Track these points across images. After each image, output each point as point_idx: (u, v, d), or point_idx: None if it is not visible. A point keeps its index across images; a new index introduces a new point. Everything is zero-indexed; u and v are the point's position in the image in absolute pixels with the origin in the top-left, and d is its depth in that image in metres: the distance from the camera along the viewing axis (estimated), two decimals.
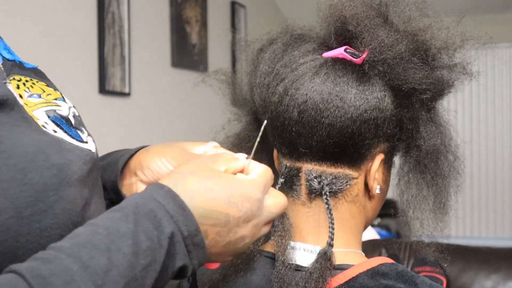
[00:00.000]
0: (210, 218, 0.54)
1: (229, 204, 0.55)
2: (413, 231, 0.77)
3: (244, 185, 0.57)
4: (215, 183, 0.56)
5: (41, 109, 0.63)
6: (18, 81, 0.65)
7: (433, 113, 0.76)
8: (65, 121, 0.65)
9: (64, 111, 0.67)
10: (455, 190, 0.78)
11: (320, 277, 0.67)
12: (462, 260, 1.70)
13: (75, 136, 0.64)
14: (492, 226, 4.63)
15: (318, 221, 0.74)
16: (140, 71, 2.77)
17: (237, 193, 0.56)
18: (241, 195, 0.56)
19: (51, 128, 0.62)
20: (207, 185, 0.55)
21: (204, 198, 0.54)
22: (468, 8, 0.88)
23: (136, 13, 2.74)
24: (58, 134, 0.61)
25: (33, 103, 0.63)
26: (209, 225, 0.54)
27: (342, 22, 0.74)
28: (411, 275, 0.70)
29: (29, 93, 0.64)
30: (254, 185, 0.58)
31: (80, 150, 0.62)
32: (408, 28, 0.72)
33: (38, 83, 0.68)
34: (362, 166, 0.74)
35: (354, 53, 0.73)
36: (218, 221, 0.55)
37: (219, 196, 0.55)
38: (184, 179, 0.55)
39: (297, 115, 0.71)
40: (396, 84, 0.72)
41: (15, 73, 0.66)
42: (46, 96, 0.67)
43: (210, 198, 0.55)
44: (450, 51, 0.74)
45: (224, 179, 0.57)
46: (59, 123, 0.64)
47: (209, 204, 0.55)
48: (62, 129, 0.63)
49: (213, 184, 0.56)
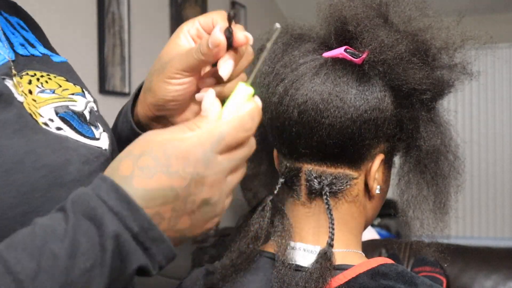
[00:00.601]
0: (156, 198, 0.49)
1: (168, 176, 0.49)
2: (413, 231, 0.77)
3: (181, 147, 0.50)
4: (148, 157, 0.50)
5: (51, 105, 0.62)
6: (32, 76, 0.64)
7: (433, 113, 0.76)
8: (77, 117, 0.64)
9: (79, 107, 0.65)
10: (455, 190, 0.78)
11: (320, 277, 0.67)
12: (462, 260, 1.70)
13: (85, 133, 0.63)
14: (492, 226, 4.62)
15: (318, 221, 0.73)
16: (140, 71, 2.77)
17: (173, 160, 0.50)
18: (178, 161, 0.50)
19: (55, 126, 0.60)
20: (140, 163, 0.49)
21: (141, 179, 0.49)
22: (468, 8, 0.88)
23: (136, 13, 2.74)
24: (62, 132, 0.60)
25: (43, 99, 0.62)
26: (159, 205, 0.49)
27: (342, 22, 0.74)
28: (411, 275, 0.70)
29: (41, 88, 0.63)
30: (195, 142, 0.51)
31: (86, 148, 0.60)
32: (408, 28, 0.72)
33: (56, 78, 0.67)
34: (362, 166, 0.74)
35: (354, 53, 0.73)
36: (166, 198, 0.49)
37: (155, 171, 0.49)
38: (119, 164, 0.50)
39: (297, 115, 0.71)
40: (396, 84, 0.72)
41: (31, 68, 0.65)
42: (61, 92, 0.65)
43: (147, 176, 0.49)
44: (450, 51, 0.74)
45: (156, 149, 0.50)
46: (69, 119, 0.62)
47: (148, 183, 0.49)
48: (70, 125, 0.61)
49: (146, 160, 0.49)
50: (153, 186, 0.49)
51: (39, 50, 0.70)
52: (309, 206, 0.74)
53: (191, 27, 0.63)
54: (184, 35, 0.64)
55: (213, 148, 0.51)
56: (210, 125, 0.52)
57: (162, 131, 0.52)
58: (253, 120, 0.54)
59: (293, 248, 0.73)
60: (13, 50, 0.65)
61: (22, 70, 0.64)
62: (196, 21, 0.63)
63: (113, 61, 2.55)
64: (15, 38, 0.68)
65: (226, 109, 0.53)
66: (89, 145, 0.61)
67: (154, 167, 0.49)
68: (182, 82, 0.61)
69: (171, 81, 0.61)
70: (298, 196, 0.74)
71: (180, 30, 0.64)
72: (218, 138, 0.51)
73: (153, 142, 0.51)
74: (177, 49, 0.63)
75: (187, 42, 0.63)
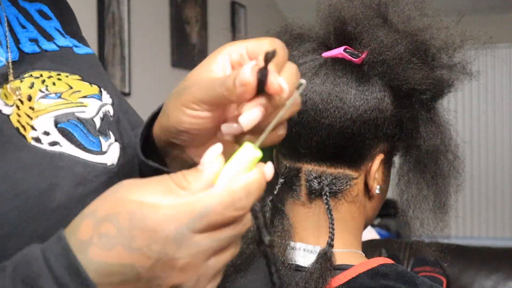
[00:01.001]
0: (112, 275, 0.41)
1: (129, 251, 0.40)
2: (413, 231, 0.77)
3: (152, 218, 0.40)
4: (111, 224, 0.41)
5: (51, 114, 0.54)
6: (36, 78, 0.56)
7: (433, 113, 0.76)
8: (83, 126, 0.56)
9: (89, 112, 0.57)
10: (455, 190, 0.78)
11: (320, 277, 0.67)
12: (462, 260, 1.70)
13: (88, 146, 0.55)
14: (492, 226, 4.62)
15: (318, 222, 0.73)
16: (140, 71, 2.77)
17: (138, 233, 0.40)
18: (144, 235, 0.40)
19: (49, 140, 0.52)
20: (101, 229, 0.41)
21: (98, 249, 0.40)
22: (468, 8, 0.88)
23: (136, 13, 2.74)
24: (56, 148, 0.52)
25: (43, 107, 0.54)
26: (116, 284, 0.41)
27: (341, 22, 0.74)
28: (411, 275, 0.70)
29: (45, 93, 0.56)
30: (169, 215, 0.41)
31: (84, 166, 0.52)
32: (407, 28, 0.72)
33: (68, 78, 0.59)
34: (362, 166, 0.74)
35: (353, 53, 0.73)
36: (125, 276, 0.41)
37: (115, 242, 0.40)
38: (80, 223, 0.42)
39: (296, 115, 0.71)
40: (395, 84, 0.72)
41: (38, 68, 0.57)
42: (69, 95, 0.57)
43: (106, 247, 0.40)
44: (450, 51, 0.74)
45: (123, 215, 0.41)
46: (71, 130, 0.54)
47: (105, 256, 0.40)
48: (71, 138, 0.54)
49: (108, 227, 0.41)
50: (111, 260, 0.40)
51: (58, 42, 0.62)
52: (309, 206, 0.74)
53: (234, 51, 0.51)
54: (223, 58, 0.51)
55: (190, 225, 0.41)
56: (194, 193, 0.42)
57: (137, 188, 0.42)
58: (248, 197, 0.42)
59: (293, 248, 0.73)
60: (18, 48, 0.58)
61: (25, 71, 0.56)
62: (243, 45, 0.51)
63: (113, 61, 2.55)
64: (25, 33, 0.60)
65: (220, 177, 0.43)
66: (89, 161, 0.53)
67: (115, 237, 0.40)
68: (198, 115, 0.49)
69: (186, 110, 0.49)
70: (298, 196, 0.74)
71: (220, 51, 0.51)
72: (199, 213, 0.41)
73: (122, 205, 0.41)
74: (207, 73, 0.50)
75: (222, 68, 0.51)
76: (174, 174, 0.43)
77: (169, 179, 0.43)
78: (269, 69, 0.44)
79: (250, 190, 0.43)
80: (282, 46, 0.48)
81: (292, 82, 0.47)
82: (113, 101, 0.62)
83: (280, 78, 0.45)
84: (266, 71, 0.45)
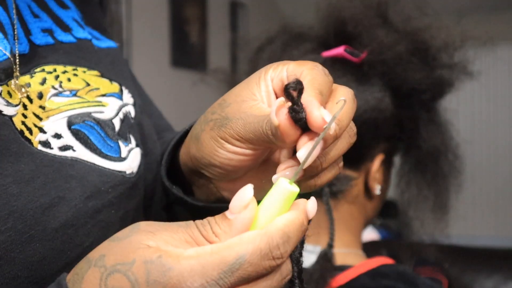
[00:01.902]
0: None
1: None
2: (414, 231, 0.77)
3: (174, 271, 0.34)
4: (124, 276, 0.34)
5: (64, 113, 0.48)
6: (49, 73, 0.49)
7: (433, 113, 0.76)
8: (100, 128, 0.49)
9: (108, 113, 0.50)
10: (456, 190, 0.78)
11: (321, 278, 0.67)
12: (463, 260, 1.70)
13: (106, 151, 0.48)
14: (493, 225, 4.63)
15: (318, 222, 0.73)
16: (139, 70, 2.77)
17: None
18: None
19: (60, 144, 0.45)
20: (111, 282, 0.34)
21: None
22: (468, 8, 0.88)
23: (136, 13, 2.74)
24: (68, 153, 0.45)
25: (56, 105, 0.48)
26: None
27: (341, 22, 0.73)
28: (412, 275, 0.70)
29: (58, 90, 0.49)
30: (195, 269, 0.34)
31: (99, 175, 0.46)
32: (407, 28, 0.72)
33: (86, 74, 0.52)
34: (362, 166, 0.73)
35: (353, 52, 0.72)
36: None
37: None
38: (87, 271, 0.35)
39: None
40: (395, 84, 0.71)
41: (51, 62, 0.50)
42: (85, 93, 0.50)
43: None
44: (450, 50, 0.74)
45: (138, 264, 0.34)
46: (87, 132, 0.48)
47: None
48: (85, 141, 0.47)
49: (119, 280, 0.34)
50: None
51: (76, 33, 0.55)
52: None
53: (276, 75, 0.43)
54: (266, 84, 0.44)
55: (221, 281, 0.34)
56: (224, 245, 0.35)
57: (156, 233, 0.36)
58: (287, 243, 0.36)
59: None
60: (29, 40, 0.50)
61: (37, 65, 0.49)
62: (284, 69, 0.43)
63: None
64: (38, 23, 0.52)
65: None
66: (106, 169, 0.47)
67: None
68: (239, 152, 0.43)
69: (225, 144, 0.43)
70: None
71: (261, 77, 0.44)
72: (231, 266, 0.34)
73: (137, 251, 0.34)
74: (249, 103, 0.43)
75: (266, 95, 0.43)
76: (201, 223, 0.37)
77: (195, 227, 0.36)
78: (304, 102, 0.37)
79: (290, 234, 0.36)
80: (322, 72, 0.41)
81: (346, 112, 0.39)
82: (135, 102, 0.55)
83: (323, 110, 0.37)
84: (298, 108, 0.37)
